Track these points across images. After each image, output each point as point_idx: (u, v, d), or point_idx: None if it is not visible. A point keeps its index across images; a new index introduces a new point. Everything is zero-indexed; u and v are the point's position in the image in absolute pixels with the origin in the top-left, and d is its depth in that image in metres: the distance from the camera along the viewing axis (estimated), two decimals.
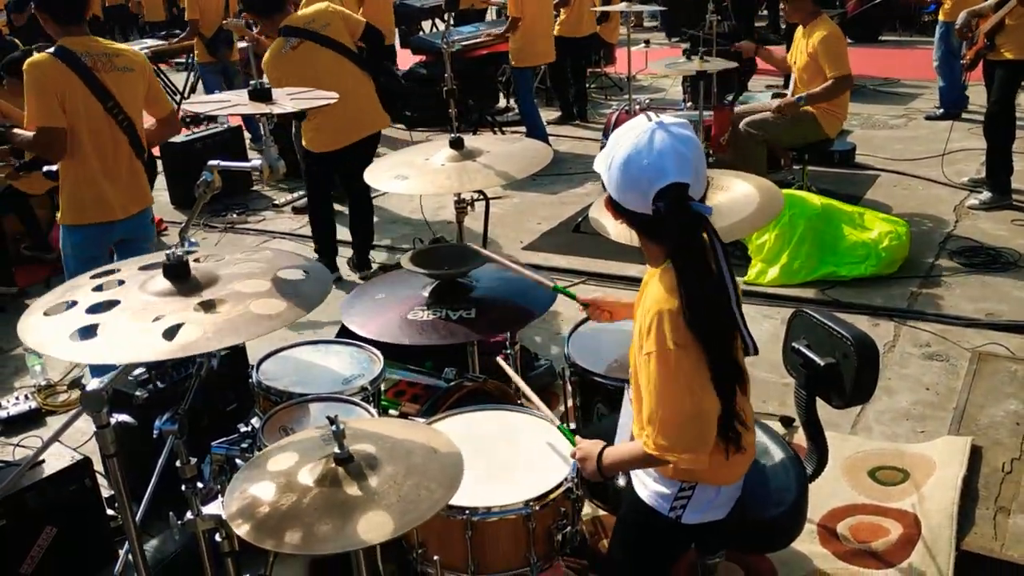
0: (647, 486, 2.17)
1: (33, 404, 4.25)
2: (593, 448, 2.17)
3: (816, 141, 5.81)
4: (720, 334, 1.93)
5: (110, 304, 1.85)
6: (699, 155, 1.95)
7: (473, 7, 11.70)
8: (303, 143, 5.31)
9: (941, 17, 7.57)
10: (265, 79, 4.55)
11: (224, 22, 8.12)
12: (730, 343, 1.96)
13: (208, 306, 1.83)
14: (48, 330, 1.81)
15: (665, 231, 1.94)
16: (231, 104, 2.63)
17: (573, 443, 2.27)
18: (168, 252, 1.93)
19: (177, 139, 7.56)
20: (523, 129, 8.46)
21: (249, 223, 6.89)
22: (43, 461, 3.02)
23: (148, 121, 4.01)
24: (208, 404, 3.41)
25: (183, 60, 9.56)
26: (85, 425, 1.97)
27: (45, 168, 4.17)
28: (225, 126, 7.73)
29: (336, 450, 1.82)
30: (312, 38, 4.98)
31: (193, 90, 9.68)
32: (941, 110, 8.10)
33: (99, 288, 1.94)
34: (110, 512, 3.18)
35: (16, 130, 3.91)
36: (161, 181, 7.70)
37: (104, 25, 14.39)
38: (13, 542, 2.93)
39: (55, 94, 3.57)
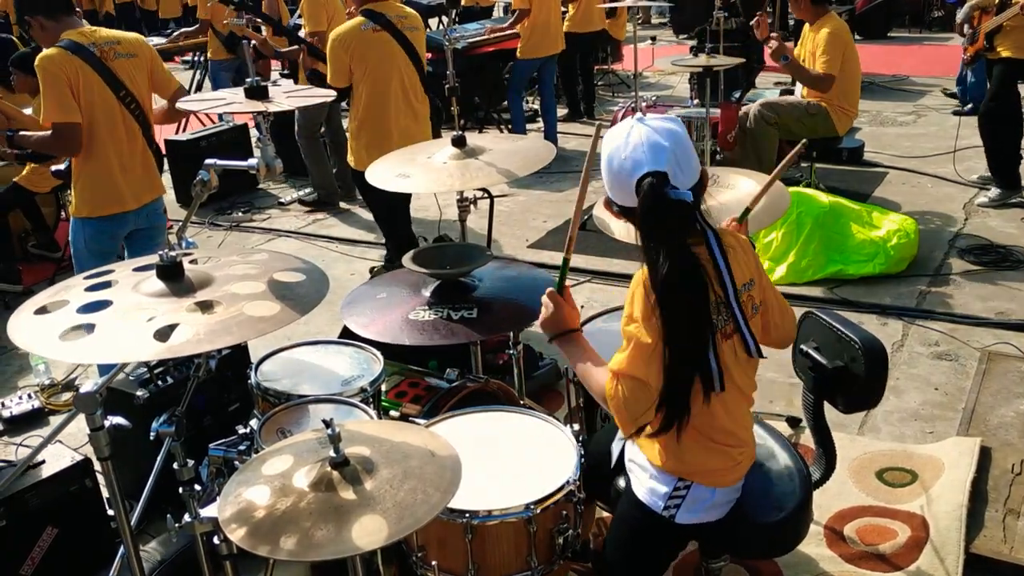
0: (643, 483, 2.16)
1: (36, 403, 4.24)
2: (570, 319, 2.16)
3: (825, 137, 5.76)
4: (687, 323, 1.90)
5: (102, 304, 1.83)
6: (680, 144, 1.95)
7: (478, 5, 11.67)
8: (352, 164, 4.79)
9: None
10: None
11: (224, 22, 8.09)
12: (701, 336, 1.92)
13: (202, 307, 1.81)
14: (37, 329, 1.79)
15: (642, 218, 1.94)
16: (226, 102, 2.60)
17: (559, 289, 2.19)
18: (161, 252, 1.91)
19: (182, 137, 7.57)
20: (535, 125, 8.45)
21: (255, 221, 6.88)
22: (43, 461, 3.01)
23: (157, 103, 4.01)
24: (210, 404, 3.40)
25: (189, 58, 9.53)
26: (86, 425, 1.96)
27: (54, 168, 4.15)
28: (231, 124, 7.71)
29: (332, 454, 1.79)
30: (394, 34, 4.50)
31: (199, 88, 9.66)
32: (970, 105, 8.01)
33: (92, 288, 1.92)
34: (111, 512, 3.17)
35: (24, 132, 3.90)
36: (166, 179, 7.70)
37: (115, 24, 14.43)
38: (14, 543, 2.92)
39: (69, 87, 3.56)
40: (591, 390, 2.09)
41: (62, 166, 3.98)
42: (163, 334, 1.72)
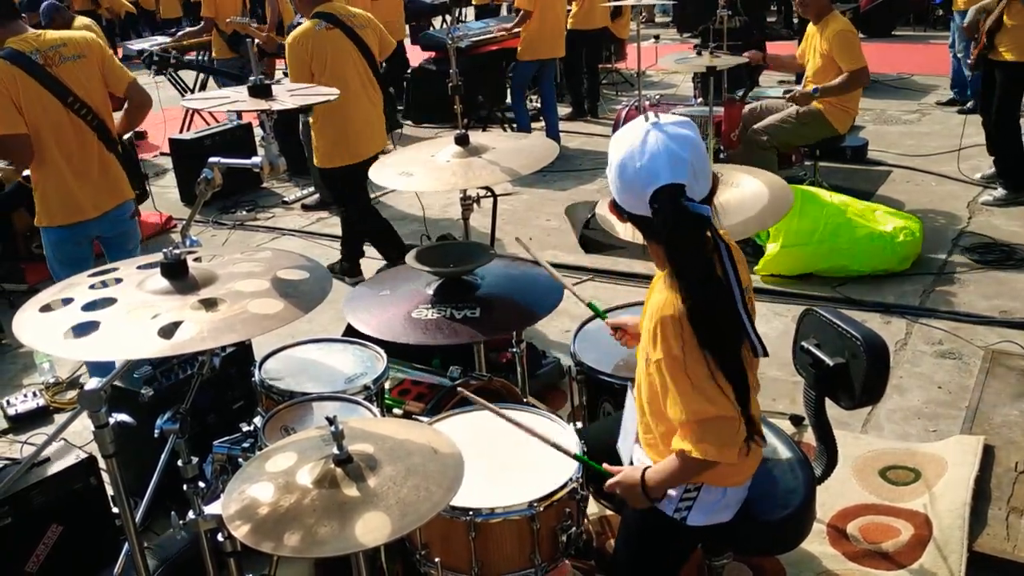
0: None
1: (41, 401, 4.25)
2: (634, 475, 2.10)
3: (827, 138, 5.76)
4: (725, 338, 1.88)
5: (106, 302, 1.83)
6: (698, 154, 1.90)
7: (493, 3, 11.70)
8: (318, 163, 5.03)
9: (957, 7, 7.46)
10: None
11: (228, 20, 8.10)
12: (737, 347, 1.91)
13: (206, 305, 1.81)
14: (42, 326, 1.80)
15: (662, 232, 1.91)
16: (230, 100, 2.61)
17: (602, 472, 2.21)
18: (166, 250, 1.91)
19: (187, 136, 7.58)
20: (537, 124, 8.46)
21: (259, 220, 6.89)
22: (48, 459, 3.02)
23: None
24: (214, 402, 3.41)
25: (193, 58, 9.54)
26: (90, 422, 1.97)
27: (25, 173, 4.06)
28: (235, 123, 7.72)
29: (335, 451, 1.79)
30: (347, 32, 4.84)
31: (204, 87, 9.68)
32: (972, 103, 8.00)
33: (96, 286, 1.92)
34: (115, 510, 3.18)
35: None
36: (171, 178, 7.73)
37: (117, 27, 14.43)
38: (18, 540, 2.92)
39: (11, 99, 3.46)
40: (683, 479, 2.06)
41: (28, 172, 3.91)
42: (167, 331, 1.72)
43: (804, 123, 5.60)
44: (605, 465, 2.21)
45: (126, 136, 4.13)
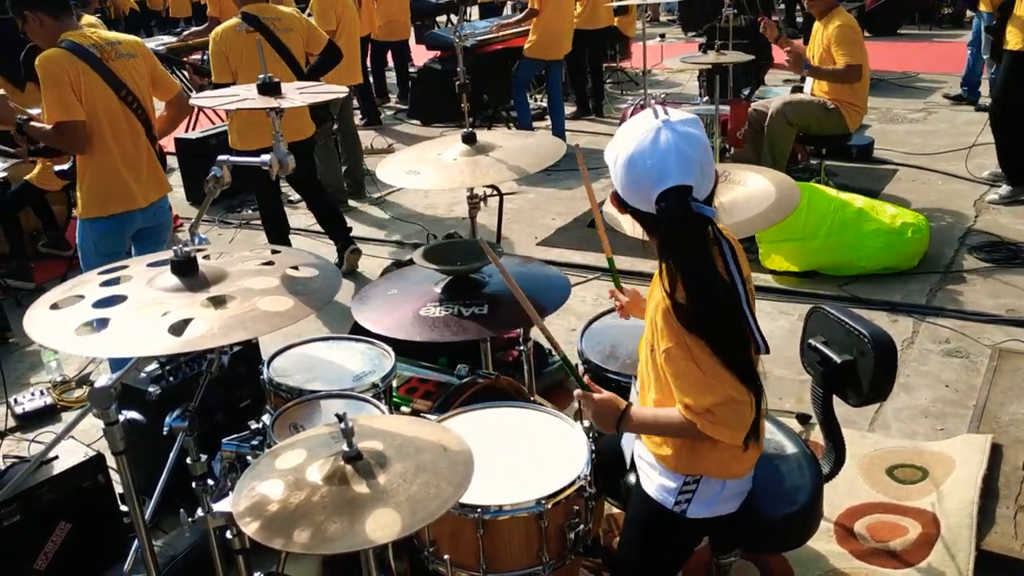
0: (652, 480, 2.16)
1: (48, 400, 4.26)
2: (616, 403, 2.10)
3: (836, 135, 5.77)
4: (730, 333, 1.89)
5: (117, 299, 1.84)
6: (705, 154, 1.91)
7: (497, 1, 11.72)
8: (231, 142, 5.25)
9: (986, 8, 7.42)
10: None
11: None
12: (742, 340, 1.92)
13: (216, 302, 1.82)
14: (53, 323, 1.80)
15: (667, 230, 1.92)
16: (239, 98, 2.61)
17: (581, 383, 2.18)
18: (176, 248, 1.92)
19: (192, 135, 7.59)
20: (543, 123, 8.45)
21: None
22: (56, 457, 3.03)
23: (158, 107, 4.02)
24: (223, 400, 3.42)
25: (199, 57, 9.55)
26: (99, 420, 1.97)
27: (57, 168, 4.14)
28: None
29: (345, 448, 1.80)
30: (266, 35, 5.02)
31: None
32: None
33: (106, 283, 1.93)
34: (124, 508, 3.19)
35: (34, 123, 3.90)
36: (176, 178, 7.73)
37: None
38: (27, 538, 2.93)
39: (71, 87, 3.58)
40: (677, 436, 2.05)
41: (66, 166, 3.97)
42: (177, 329, 1.72)
43: (828, 111, 5.63)
44: (587, 379, 2.21)
45: None
